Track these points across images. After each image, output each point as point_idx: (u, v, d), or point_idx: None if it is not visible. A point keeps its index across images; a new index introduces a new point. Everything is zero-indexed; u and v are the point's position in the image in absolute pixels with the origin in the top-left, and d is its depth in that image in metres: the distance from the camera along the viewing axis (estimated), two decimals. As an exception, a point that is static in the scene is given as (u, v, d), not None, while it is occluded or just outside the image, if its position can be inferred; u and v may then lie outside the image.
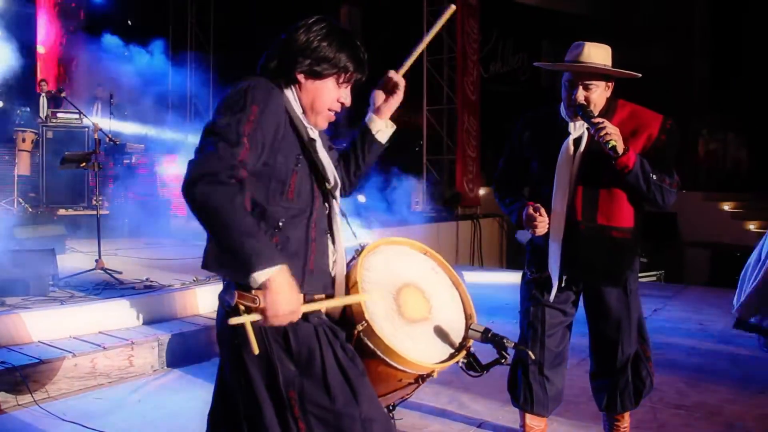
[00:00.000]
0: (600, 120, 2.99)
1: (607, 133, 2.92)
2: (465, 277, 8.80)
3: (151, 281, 6.08)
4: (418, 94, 14.10)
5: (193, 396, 4.43)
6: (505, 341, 2.25)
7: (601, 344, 3.40)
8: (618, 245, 3.21)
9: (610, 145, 2.91)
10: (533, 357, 2.26)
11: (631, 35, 14.71)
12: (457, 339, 2.35)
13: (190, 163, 1.90)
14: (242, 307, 2.00)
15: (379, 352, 2.15)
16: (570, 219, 3.19)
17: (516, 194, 3.42)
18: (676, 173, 3.14)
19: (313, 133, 2.18)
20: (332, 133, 2.40)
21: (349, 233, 2.35)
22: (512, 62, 17.66)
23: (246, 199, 1.97)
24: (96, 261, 6.28)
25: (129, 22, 13.91)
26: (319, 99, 2.15)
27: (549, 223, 3.22)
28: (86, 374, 4.56)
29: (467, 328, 2.37)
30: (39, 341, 4.74)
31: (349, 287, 2.20)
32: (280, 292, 1.89)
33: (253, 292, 1.93)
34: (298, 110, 2.15)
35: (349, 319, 2.16)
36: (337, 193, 2.26)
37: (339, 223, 2.26)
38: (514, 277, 9.45)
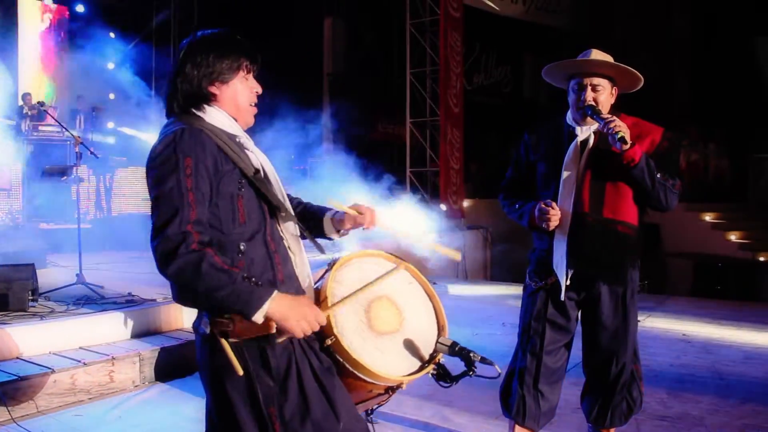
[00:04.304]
0: (609, 116, 3.12)
1: (616, 125, 3.04)
2: (449, 289, 8.81)
3: (133, 295, 6.02)
4: (401, 107, 14.14)
5: (175, 411, 4.40)
6: (471, 355, 2.27)
7: (596, 354, 3.41)
8: (622, 240, 3.28)
9: (619, 136, 3.00)
10: (499, 371, 2.27)
11: (613, 49, 14.81)
12: (427, 351, 2.36)
13: (154, 248, 1.99)
14: (218, 333, 2.07)
15: (347, 365, 2.17)
16: (577, 212, 3.24)
17: (525, 198, 3.45)
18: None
19: (255, 160, 2.21)
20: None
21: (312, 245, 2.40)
22: (495, 74, 17.76)
23: (214, 256, 1.99)
24: (77, 275, 6.23)
25: (112, 35, 13.85)
26: (239, 98, 2.25)
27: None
28: (66, 390, 4.51)
29: (437, 341, 2.37)
30: (18, 357, 4.68)
31: (320, 301, 2.21)
32: (286, 317, 2.01)
33: (227, 315, 2.05)
34: (229, 125, 2.21)
35: (320, 332, 2.16)
36: (288, 204, 2.29)
37: (293, 227, 2.29)
38: (498, 290, 9.48)
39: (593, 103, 3.20)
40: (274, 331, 2.05)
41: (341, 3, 16.73)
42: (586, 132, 3.28)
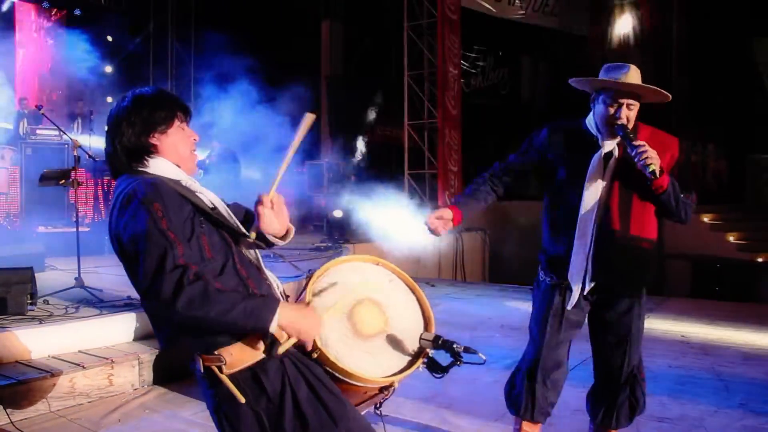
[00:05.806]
0: (641, 143, 3.08)
1: (648, 157, 3.03)
2: (447, 291, 8.80)
3: (132, 299, 5.98)
4: (399, 110, 14.15)
5: (174, 415, 4.38)
6: (455, 346, 2.32)
7: (609, 355, 3.42)
8: (645, 256, 3.33)
9: (650, 170, 3.01)
10: (484, 358, 2.32)
11: (611, 51, 14.87)
12: (415, 346, 2.40)
13: (156, 291, 1.97)
14: (214, 368, 2.11)
15: (337, 375, 2.21)
16: (605, 228, 3.25)
17: (486, 188, 3.55)
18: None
19: (206, 199, 2.26)
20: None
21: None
22: (493, 77, 17.79)
23: (213, 281, 2.02)
24: (76, 279, 6.21)
25: (109, 38, 13.86)
26: (180, 146, 2.32)
27: (565, 231, 3.30)
28: (65, 394, 4.50)
29: (420, 337, 2.40)
30: (17, 361, 4.67)
31: None
32: (298, 324, 2.08)
33: (216, 352, 2.09)
34: (175, 173, 2.25)
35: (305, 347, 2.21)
36: (244, 230, 2.33)
37: (255, 251, 2.36)
38: (496, 292, 9.46)
39: (626, 122, 3.19)
40: (263, 355, 2.10)
41: (339, 6, 16.75)
42: (609, 145, 3.28)
